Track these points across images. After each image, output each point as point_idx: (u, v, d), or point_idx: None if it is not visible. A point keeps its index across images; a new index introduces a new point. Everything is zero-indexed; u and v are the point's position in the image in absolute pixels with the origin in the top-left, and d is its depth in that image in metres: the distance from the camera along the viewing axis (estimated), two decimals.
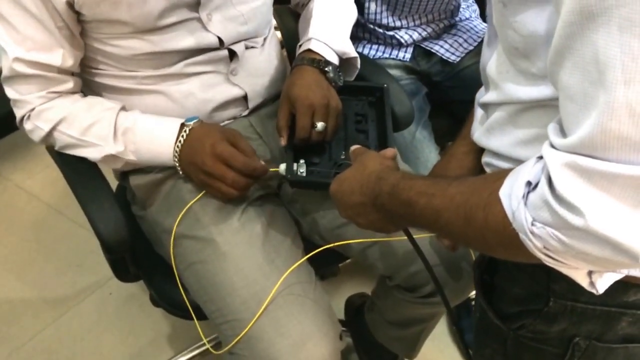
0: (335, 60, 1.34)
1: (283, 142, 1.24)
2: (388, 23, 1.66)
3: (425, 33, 1.70)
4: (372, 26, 1.68)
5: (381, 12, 1.64)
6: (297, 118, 1.23)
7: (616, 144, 0.55)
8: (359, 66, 1.41)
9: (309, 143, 1.25)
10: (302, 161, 1.24)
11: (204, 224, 1.20)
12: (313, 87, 1.25)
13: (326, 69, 1.29)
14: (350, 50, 1.38)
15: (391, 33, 1.69)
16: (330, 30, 1.37)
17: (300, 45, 1.36)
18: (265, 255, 1.17)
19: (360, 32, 1.69)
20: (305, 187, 1.29)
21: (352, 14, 1.47)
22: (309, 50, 1.32)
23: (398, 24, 1.67)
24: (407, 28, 1.68)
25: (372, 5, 1.63)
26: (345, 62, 1.39)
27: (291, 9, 1.62)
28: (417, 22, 1.69)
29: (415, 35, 1.69)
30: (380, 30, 1.69)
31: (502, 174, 0.67)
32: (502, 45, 0.80)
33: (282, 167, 1.22)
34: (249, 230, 1.19)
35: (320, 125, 1.23)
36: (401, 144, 1.58)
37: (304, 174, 1.23)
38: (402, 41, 1.69)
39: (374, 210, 0.90)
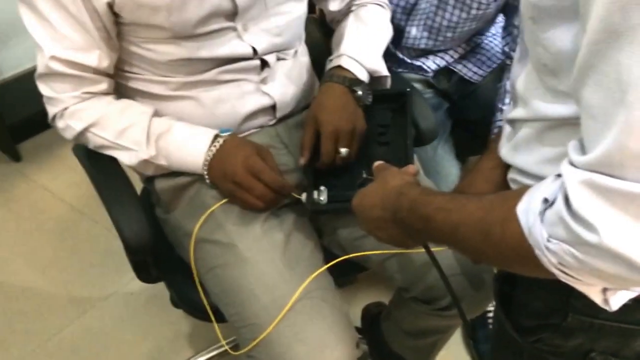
0: (365, 77, 1.33)
1: (302, 161, 1.25)
2: (426, 47, 1.65)
3: (456, 55, 1.70)
4: (400, 55, 1.68)
5: (421, 37, 1.63)
6: (322, 143, 1.24)
7: (634, 163, 0.55)
8: (389, 86, 1.41)
9: (331, 167, 1.26)
10: (322, 188, 1.25)
11: (226, 230, 1.21)
12: (340, 110, 1.25)
13: (355, 88, 1.29)
14: (382, 69, 1.37)
15: (418, 63, 1.68)
16: (362, 48, 1.36)
17: (330, 60, 1.36)
18: (286, 262, 1.17)
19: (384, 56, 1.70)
20: (327, 213, 1.30)
21: (387, 33, 1.46)
22: (340, 66, 1.32)
23: (435, 48, 1.67)
24: (437, 52, 1.68)
25: (413, 30, 1.62)
26: (375, 80, 1.38)
27: (316, 18, 1.63)
28: (455, 44, 1.68)
29: (443, 63, 1.69)
30: (408, 61, 1.69)
31: (521, 191, 0.68)
32: (532, 62, 0.80)
33: (304, 196, 1.23)
34: (270, 237, 1.20)
35: (344, 151, 1.24)
36: (423, 159, 1.58)
37: (325, 201, 1.24)
38: (429, 70, 1.69)
39: (394, 225, 0.90)
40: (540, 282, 0.81)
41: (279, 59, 1.33)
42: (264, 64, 1.31)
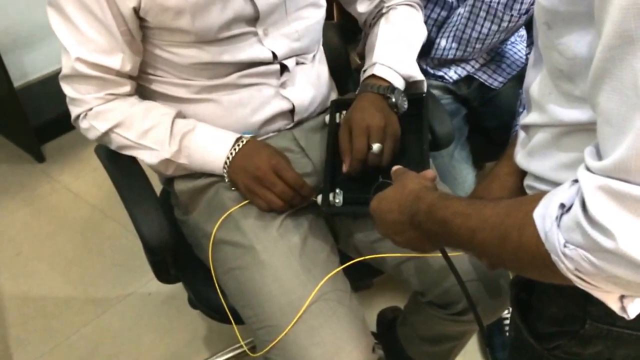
0: (400, 84, 1.33)
1: (345, 168, 1.24)
2: (454, 57, 1.65)
3: (477, 65, 1.70)
4: (423, 65, 1.68)
5: (450, 48, 1.62)
6: (353, 140, 1.23)
7: None
8: (425, 89, 1.39)
9: (365, 168, 1.24)
10: (338, 190, 1.25)
11: (244, 232, 1.21)
12: (371, 110, 1.25)
13: (389, 95, 1.28)
14: (416, 74, 1.36)
15: (440, 73, 1.69)
16: (395, 54, 1.35)
17: (364, 71, 1.36)
18: (302, 265, 1.18)
19: None
20: (341, 215, 1.30)
21: (421, 35, 1.44)
22: (373, 75, 1.32)
23: (462, 58, 1.67)
24: (459, 62, 1.68)
25: (443, 42, 1.62)
26: (410, 85, 1.38)
27: (334, 24, 1.63)
28: (481, 54, 1.68)
29: (464, 73, 1.69)
30: (431, 71, 1.69)
31: (538, 196, 0.67)
32: (546, 67, 0.80)
33: (319, 198, 1.23)
34: (287, 240, 1.20)
35: (376, 147, 1.22)
36: (439, 164, 1.57)
37: (340, 204, 1.24)
38: (450, 80, 1.69)
39: (411, 229, 0.90)
40: (558, 289, 0.81)
41: (298, 63, 1.34)
42: (284, 69, 1.31)
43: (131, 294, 2.07)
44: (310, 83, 1.38)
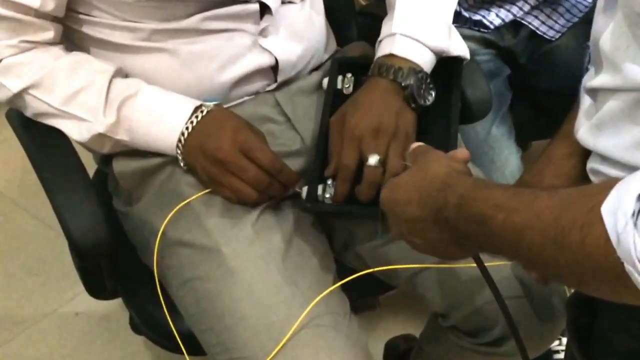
0: (427, 63, 1.29)
1: (327, 172, 1.24)
2: None
3: (527, 7, 1.70)
4: (457, 7, 1.67)
5: None
6: (341, 150, 1.22)
7: None
8: (467, 56, 1.35)
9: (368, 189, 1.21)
10: (329, 182, 1.24)
11: (207, 229, 1.21)
12: (374, 108, 1.23)
13: (405, 83, 1.24)
14: (451, 48, 1.32)
15: (477, 17, 1.68)
16: (423, 15, 1.31)
17: (380, 42, 1.33)
18: (286, 275, 1.17)
19: None
20: (334, 216, 1.30)
21: None
22: (391, 55, 1.28)
23: None
24: (502, 2, 1.68)
25: None
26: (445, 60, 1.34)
27: None
28: None
29: (509, 17, 1.69)
30: (465, 14, 1.68)
31: (607, 185, 0.67)
32: (623, 11, 0.79)
33: (305, 190, 1.23)
34: (266, 240, 1.20)
35: (372, 159, 1.20)
36: (472, 142, 1.57)
37: (331, 199, 1.23)
38: (491, 26, 1.69)
39: (436, 228, 0.89)
40: (632, 311, 0.81)
41: (283, 2, 1.33)
42: (264, 10, 1.31)
43: (52, 313, 2.07)
44: (301, 31, 1.37)
